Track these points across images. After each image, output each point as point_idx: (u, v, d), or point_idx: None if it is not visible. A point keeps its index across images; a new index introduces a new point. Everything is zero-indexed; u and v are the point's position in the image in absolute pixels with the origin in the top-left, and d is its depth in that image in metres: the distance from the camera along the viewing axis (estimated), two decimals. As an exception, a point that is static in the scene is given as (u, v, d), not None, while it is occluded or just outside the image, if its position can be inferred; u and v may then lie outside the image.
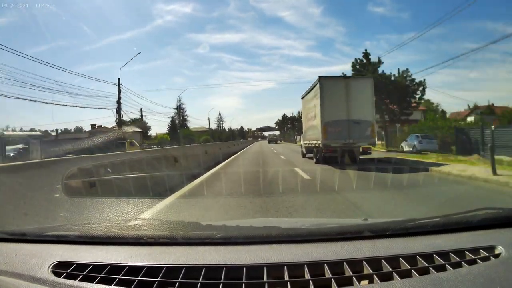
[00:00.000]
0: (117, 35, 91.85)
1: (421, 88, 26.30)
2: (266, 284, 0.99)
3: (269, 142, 60.43)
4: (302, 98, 16.62)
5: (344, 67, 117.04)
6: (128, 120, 40.18)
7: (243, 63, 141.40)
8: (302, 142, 17.51)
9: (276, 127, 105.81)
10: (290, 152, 23.66)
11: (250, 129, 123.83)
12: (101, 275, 1.07)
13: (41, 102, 28.40)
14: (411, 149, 21.48)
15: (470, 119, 32.93)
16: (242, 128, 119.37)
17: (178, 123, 63.77)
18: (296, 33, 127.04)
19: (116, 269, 1.09)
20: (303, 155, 17.06)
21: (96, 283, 1.05)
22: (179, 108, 64.07)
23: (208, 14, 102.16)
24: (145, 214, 4.58)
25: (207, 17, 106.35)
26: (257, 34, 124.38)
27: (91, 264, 1.12)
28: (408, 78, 26.33)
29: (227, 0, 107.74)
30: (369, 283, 0.99)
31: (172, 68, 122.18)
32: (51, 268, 1.12)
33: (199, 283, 1.00)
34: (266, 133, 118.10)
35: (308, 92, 14.89)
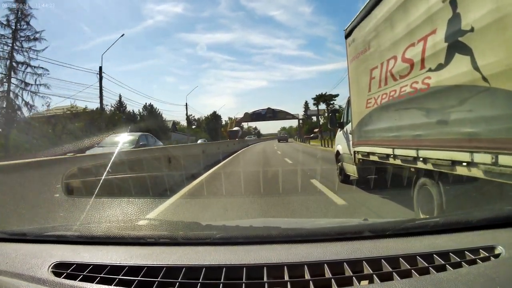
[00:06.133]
0: (108, 35, 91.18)
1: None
2: (266, 284, 0.99)
3: (279, 141, 54.93)
4: (347, 36, 6.19)
5: (338, 65, 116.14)
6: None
7: (234, 63, 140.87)
8: (342, 147, 7.47)
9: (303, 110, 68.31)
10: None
11: (234, 119, 72.13)
12: (101, 275, 1.07)
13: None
14: None
15: None
16: (215, 114, 70.54)
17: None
18: (287, 32, 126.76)
19: (116, 269, 1.09)
20: (345, 178, 7.25)
21: (96, 283, 1.04)
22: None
23: (199, 14, 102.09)
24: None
25: (198, 17, 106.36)
26: (248, 33, 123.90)
27: (91, 264, 1.12)
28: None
29: (217, 0, 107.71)
30: (369, 283, 0.99)
31: (164, 68, 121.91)
32: (51, 268, 1.12)
33: (199, 283, 0.99)
34: (261, 125, 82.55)
35: None
